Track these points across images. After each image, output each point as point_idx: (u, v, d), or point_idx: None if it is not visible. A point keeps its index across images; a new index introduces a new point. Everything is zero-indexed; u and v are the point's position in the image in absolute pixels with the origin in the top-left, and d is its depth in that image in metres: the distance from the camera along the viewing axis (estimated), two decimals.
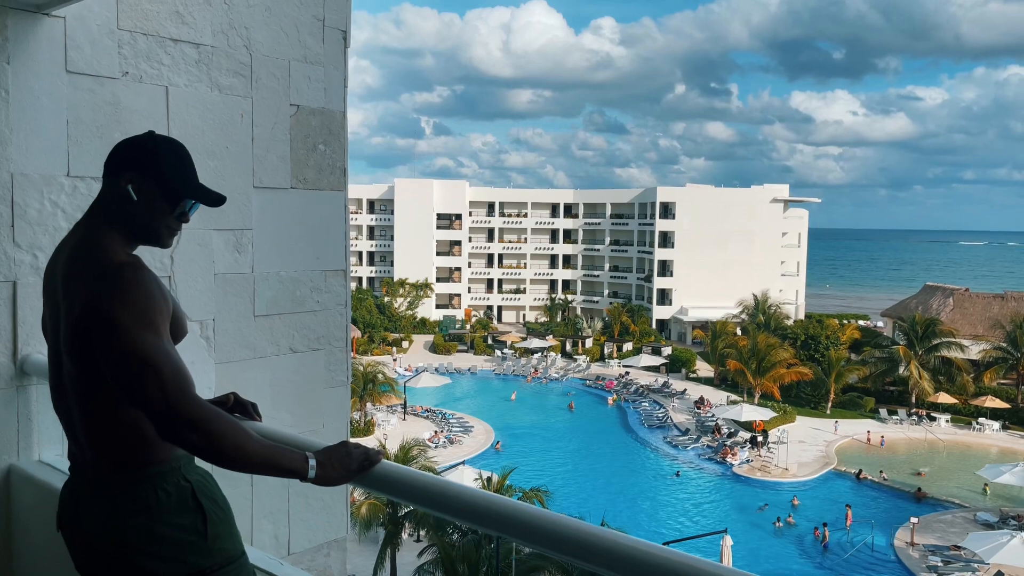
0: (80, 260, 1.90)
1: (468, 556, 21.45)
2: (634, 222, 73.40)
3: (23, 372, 3.07)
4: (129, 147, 1.98)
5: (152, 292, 1.82)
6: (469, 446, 41.08)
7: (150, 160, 1.94)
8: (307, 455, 1.81)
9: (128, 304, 1.77)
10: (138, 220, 1.95)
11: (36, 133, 3.06)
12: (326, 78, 3.88)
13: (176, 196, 1.96)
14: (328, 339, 3.95)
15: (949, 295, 55.62)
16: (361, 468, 1.87)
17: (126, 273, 1.82)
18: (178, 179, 1.95)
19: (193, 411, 1.73)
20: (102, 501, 1.92)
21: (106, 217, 1.95)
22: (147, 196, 1.93)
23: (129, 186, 1.92)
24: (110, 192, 1.96)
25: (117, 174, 1.95)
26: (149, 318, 1.78)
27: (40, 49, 3.06)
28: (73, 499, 2.01)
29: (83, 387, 1.91)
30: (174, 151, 1.98)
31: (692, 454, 40.66)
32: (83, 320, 1.82)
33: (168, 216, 1.97)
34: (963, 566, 27.24)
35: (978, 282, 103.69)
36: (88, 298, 1.81)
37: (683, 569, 1.44)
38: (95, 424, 1.93)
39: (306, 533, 3.86)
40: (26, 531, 3.05)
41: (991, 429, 43.61)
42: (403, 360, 60.11)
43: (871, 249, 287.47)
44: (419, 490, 1.86)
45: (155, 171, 1.93)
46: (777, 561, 29.12)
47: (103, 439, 1.93)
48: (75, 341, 1.87)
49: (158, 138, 1.99)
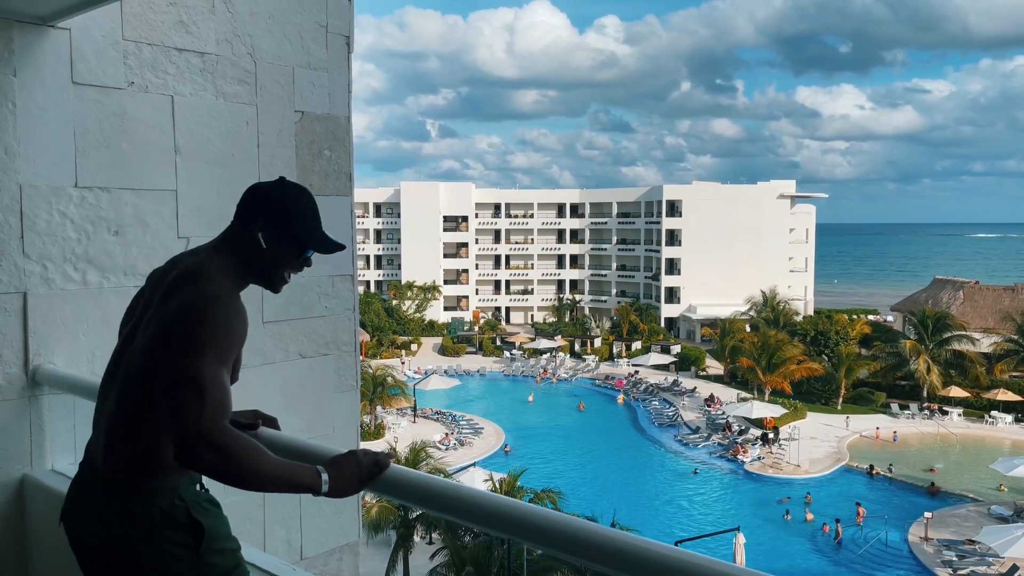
0: (189, 281, 1.98)
1: (480, 558, 21.45)
2: (641, 221, 73.26)
3: (35, 382, 3.09)
4: (262, 195, 2.08)
5: (233, 326, 1.91)
6: (479, 447, 41.08)
7: (281, 212, 2.04)
8: (318, 469, 1.84)
9: (209, 331, 1.86)
10: (261, 265, 2.06)
11: (43, 144, 3.08)
12: (330, 84, 3.89)
13: (302, 248, 2.07)
14: (337, 344, 3.96)
15: (959, 288, 55.31)
16: (371, 475, 1.89)
17: (219, 302, 1.91)
18: (305, 231, 2.06)
19: (217, 438, 1.78)
20: (96, 505, 1.99)
21: (232, 253, 2.05)
22: (275, 245, 2.04)
23: (260, 234, 2.03)
24: (241, 234, 2.06)
25: (249, 220, 2.05)
26: (220, 349, 1.86)
27: (46, 61, 3.07)
28: (74, 496, 2.09)
29: (131, 388, 1.96)
30: (303, 203, 2.08)
31: (703, 452, 40.55)
32: (168, 333, 1.89)
33: (290, 264, 2.09)
34: (978, 560, 27.08)
35: (988, 275, 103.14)
36: (180, 315, 1.90)
37: (695, 569, 1.44)
38: (121, 424, 1.97)
39: (319, 538, 3.87)
40: (40, 540, 3.06)
41: (1004, 422, 43.35)
42: (412, 363, 60.14)
43: (880, 243, 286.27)
44: (430, 494, 1.86)
45: (284, 222, 2.04)
46: (791, 559, 29.01)
47: (120, 442, 1.97)
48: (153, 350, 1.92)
49: (289, 188, 2.09)
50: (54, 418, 3.15)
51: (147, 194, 3.34)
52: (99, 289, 3.24)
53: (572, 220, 78.21)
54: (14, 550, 3.10)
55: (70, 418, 3.18)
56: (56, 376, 3.08)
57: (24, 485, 3.09)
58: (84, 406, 3.12)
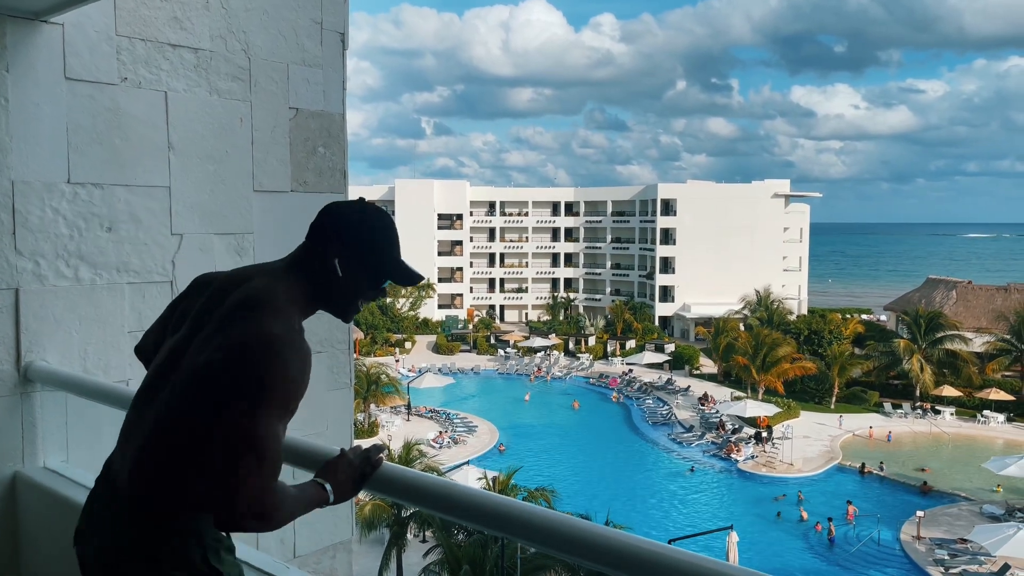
0: (255, 305, 1.79)
1: (473, 556, 21.45)
2: (635, 219, 73.31)
3: (27, 379, 3.08)
4: (340, 219, 1.91)
5: (298, 375, 1.72)
6: (473, 446, 41.07)
7: (360, 239, 1.89)
8: (319, 482, 1.82)
9: (272, 380, 1.68)
10: (336, 294, 1.90)
11: (36, 140, 3.06)
12: (325, 81, 3.88)
13: (380, 279, 1.93)
14: (330, 341, 3.95)
15: (952, 288, 55.51)
16: (364, 476, 1.86)
17: (287, 346, 1.72)
18: (383, 261, 1.92)
19: (266, 507, 1.67)
20: (112, 532, 1.85)
21: (304, 278, 1.87)
22: (352, 274, 1.89)
23: (336, 261, 1.87)
24: (316, 258, 1.88)
25: (325, 244, 1.88)
26: (283, 401, 1.70)
27: (39, 56, 3.06)
28: (88, 515, 1.95)
29: (173, 418, 1.79)
30: (383, 230, 1.93)
31: (696, 451, 40.61)
32: (226, 367, 1.71)
33: (365, 294, 1.93)
34: (970, 559, 27.18)
35: (981, 275, 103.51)
36: (241, 350, 1.71)
37: (688, 568, 1.44)
38: (152, 453, 1.81)
39: (312, 536, 3.86)
40: (32, 537, 3.05)
41: (996, 421, 43.54)
42: (406, 361, 60.11)
43: (873, 243, 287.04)
44: (423, 492, 1.86)
45: (365, 252, 1.89)
46: (784, 557, 29.09)
47: (151, 472, 1.81)
48: (206, 379, 1.74)
49: (370, 213, 1.93)
50: (46, 415, 3.14)
51: (140, 190, 3.33)
52: (92, 286, 3.22)
53: (567, 218, 78.22)
54: (6, 547, 3.09)
55: (62, 415, 3.17)
56: (48, 373, 3.07)
57: (16, 482, 3.07)
58: (76, 403, 3.11)
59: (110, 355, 3.28)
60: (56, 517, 2.92)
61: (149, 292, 3.37)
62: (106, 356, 3.27)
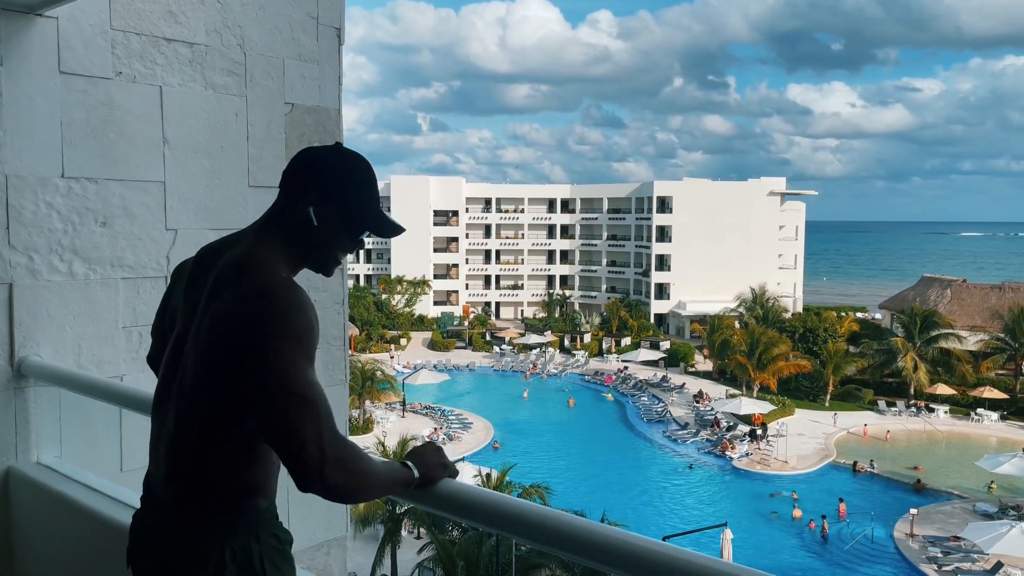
0: (240, 269, 1.70)
1: (468, 553, 21.46)
2: (631, 217, 73.35)
3: (20, 374, 3.06)
4: (314, 164, 1.78)
5: (312, 319, 1.63)
6: (468, 442, 41.10)
7: (337, 186, 1.76)
8: (405, 463, 1.72)
9: (290, 330, 1.58)
10: (313, 246, 1.78)
11: (30, 134, 3.05)
12: (320, 76, 3.87)
13: (359, 228, 1.80)
14: (326, 337, 3.95)
15: (947, 286, 55.66)
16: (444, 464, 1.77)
17: (291, 294, 1.63)
18: (362, 209, 1.78)
19: (344, 455, 1.56)
20: (160, 542, 1.76)
21: (280, 233, 1.77)
22: (328, 223, 1.76)
23: (311, 210, 1.75)
24: (289, 211, 1.77)
25: (299, 193, 1.76)
26: (308, 348, 1.60)
27: (33, 50, 3.04)
28: (137, 531, 1.85)
29: (193, 403, 1.70)
30: (361, 175, 1.79)
31: (691, 448, 40.70)
32: (233, 336, 1.62)
33: (344, 245, 1.81)
34: (963, 556, 27.28)
35: (976, 273, 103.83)
36: (243, 313, 1.62)
37: (682, 565, 1.44)
38: (185, 448, 1.73)
39: (306, 532, 3.85)
40: (25, 533, 3.04)
41: (990, 420, 43.68)
42: (402, 357, 60.08)
43: (869, 241, 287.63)
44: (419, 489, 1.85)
45: (339, 197, 1.76)
46: (778, 555, 29.16)
47: (186, 467, 1.73)
48: (214, 356, 1.66)
49: (348, 158, 1.80)
50: (40, 410, 3.13)
51: (135, 185, 3.31)
52: (86, 281, 3.21)
53: (563, 215, 78.23)
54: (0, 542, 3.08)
55: (56, 410, 3.16)
56: (42, 368, 3.06)
57: (9, 478, 3.06)
58: (70, 398, 3.10)
59: (104, 350, 3.27)
60: (49, 512, 2.91)
61: (143, 287, 3.36)
62: (100, 351, 3.26)
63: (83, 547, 2.76)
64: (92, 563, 2.71)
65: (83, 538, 2.74)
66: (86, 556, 2.76)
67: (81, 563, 2.79)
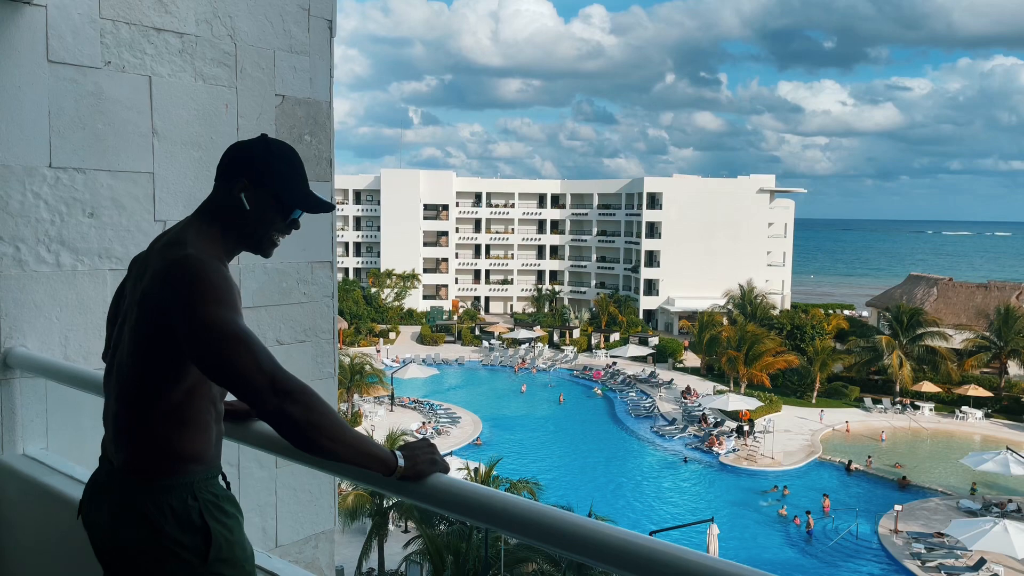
0: (170, 247, 1.87)
1: (455, 547, 21.48)
2: (621, 212, 73.46)
3: (6, 365, 3.04)
4: (243, 154, 1.95)
5: (226, 278, 1.79)
6: (457, 437, 41.14)
7: (263, 169, 1.92)
8: (393, 451, 1.77)
9: (208, 287, 1.74)
10: (248, 229, 1.94)
11: (17, 124, 3.02)
12: (312, 68, 3.86)
13: (288, 207, 1.95)
14: (315, 331, 3.94)
15: (933, 285, 56.03)
16: (435, 460, 1.80)
17: (206, 262, 1.79)
18: (289, 190, 1.94)
19: (293, 383, 1.67)
20: (108, 502, 1.91)
21: (213, 220, 1.93)
22: (259, 206, 1.92)
23: (242, 195, 1.91)
24: (223, 198, 1.94)
25: (230, 181, 1.93)
26: (229, 301, 1.75)
27: (21, 39, 3.02)
28: (90, 492, 2.01)
29: (128, 375, 1.87)
30: (287, 160, 1.95)
31: (679, 444, 40.86)
32: (156, 303, 1.79)
33: (278, 225, 1.96)
34: (946, 553, 27.52)
35: (962, 272, 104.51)
36: (163, 281, 1.78)
37: (668, 559, 1.44)
38: (124, 417, 1.89)
39: (294, 526, 3.85)
40: (10, 525, 3.03)
41: (974, 417, 44.04)
42: (391, 351, 60.02)
43: (857, 239, 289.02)
44: (408, 484, 1.85)
45: (268, 181, 1.92)
46: (763, 550, 29.33)
47: (126, 435, 1.89)
48: (140, 327, 1.83)
49: (272, 146, 1.96)
50: (26, 402, 3.11)
51: (123, 176, 3.29)
52: (73, 272, 3.19)
53: (553, 211, 78.24)
54: None
55: (42, 402, 3.14)
56: (28, 359, 3.04)
57: None
58: (56, 390, 3.09)
59: (91, 342, 3.25)
60: (35, 504, 2.90)
61: None
62: (87, 343, 3.24)
63: (68, 538, 2.75)
64: (77, 554, 2.70)
65: (69, 529, 2.72)
66: (71, 547, 2.75)
67: (66, 554, 2.77)
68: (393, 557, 25.76)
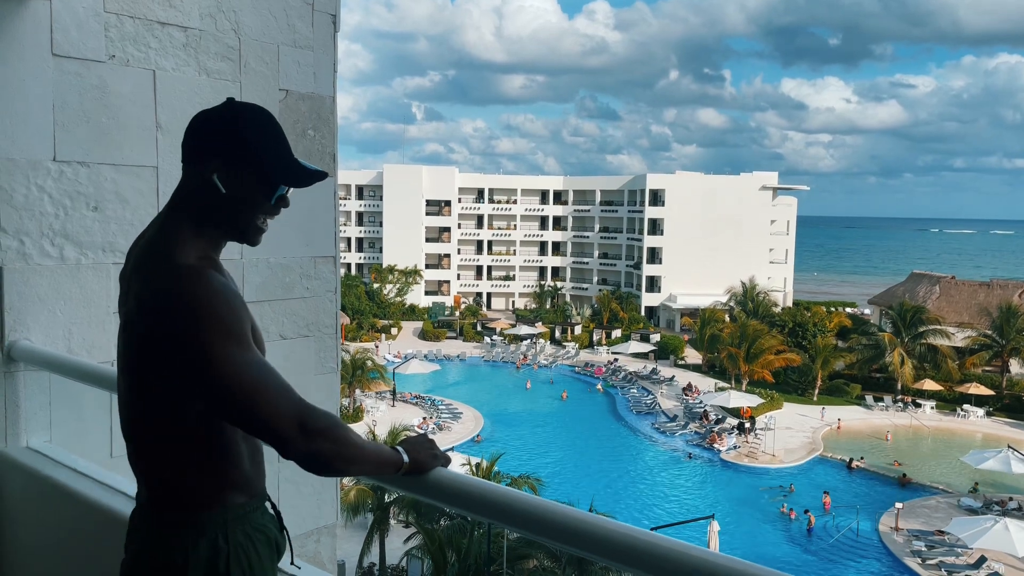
0: (149, 259, 1.63)
1: (457, 541, 21.52)
2: (623, 209, 73.40)
3: (10, 358, 3.05)
4: (210, 128, 1.65)
5: (227, 297, 1.56)
6: (458, 432, 41.17)
7: (237, 144, 1.61)
8: (396, 448, 1.70)
9: (206, 321, 1.50)
10: (227, 215, 1.64)
11: (22, 117, 3.03)
12: (315, 63, 3.86)
13: (271, 184, 1.64)
14: (318, 326, 3.95)
15: (935, 283, 55.96)
16: (436, 455, 1.74)
17: (195, 286, 1.54)
18: (270, 163, 1.63)
19: (320, 420, 1.53)
20: (134, 541, 1.73)
21: (187, 210, 1.65)
22: (237, 187, 1.62)
23: (215, 177, 1.61)
24: (193, 181, 1.65)
25: (199, 162, 1.63)
26: (230, 329, 1.52)
27: (26, 32, 3.02)
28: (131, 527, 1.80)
29: (130, 413, 1.69)
30: (262, 127, 1.63)
31: (680, 440, 40.88)
32: (152, 342, 1.57)
33: (263, 207, 1.66)
34: (947, 551, 27.52)
35: (965, 270, 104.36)
36: (156, 314, 1.55)
37: (670, 554, 1.45)
38: (135, 453, 1.70)
39: (296, 520, 3.86)
40: (13, 518, 3.04)
41: (976, 416, 43.99)
42: (392, 347, 60.05)
43: (860, 237, 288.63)
44: (412, 478, 1.86)
45: (244, 156, 1.61)
46: (764, 547, 29.34)
47: (145, 471, 1.71)
48: (137, 357, 1.62)
49: (241, 113, 1.65)
50: (29, 395, 3.12)
51: (127, 170, 3.30)
52: (77, 265, 3.20)
53: (555, 207, 78.21)
54: None
55: (45, 395, 3.15)
56: (32, 352, 3.04)
57: None
58: (60, 383, 3.09)
59: (95, 335, 3.26)
60: (38, 497, 2.91)
61: None
62: (91, 336, 3.25)
63: (72, 532, 2.76)
64: (81, 548, 2.71)
65: (72, 523, 2.74)
66: (75, 541, 2.76)
67: (70, 548, 2.79)
68: (394, 552, 25.80)
